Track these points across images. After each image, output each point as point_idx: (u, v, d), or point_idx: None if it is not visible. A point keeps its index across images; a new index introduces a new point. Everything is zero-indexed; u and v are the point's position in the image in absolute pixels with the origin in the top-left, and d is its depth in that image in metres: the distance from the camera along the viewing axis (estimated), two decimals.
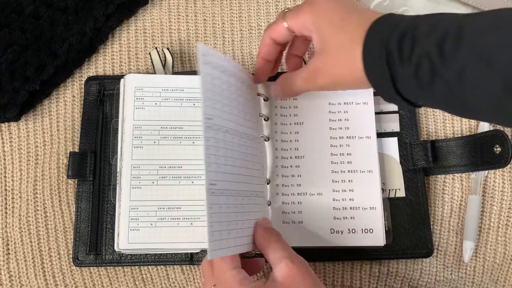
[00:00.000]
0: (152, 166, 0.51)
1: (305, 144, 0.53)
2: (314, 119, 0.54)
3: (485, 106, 0.35)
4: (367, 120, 0.53)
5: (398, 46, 0.38)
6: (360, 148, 0.53)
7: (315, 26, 0.44)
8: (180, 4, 0.62)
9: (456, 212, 0.55)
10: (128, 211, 0.50)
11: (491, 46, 0.33)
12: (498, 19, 0.34)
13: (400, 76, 0.39)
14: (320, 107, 0.54)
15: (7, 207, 0.55)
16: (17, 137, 0.57)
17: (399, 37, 0.38)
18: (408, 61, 0.37)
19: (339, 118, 0.53)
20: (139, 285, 0.53)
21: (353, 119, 0.53)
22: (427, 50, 0.36)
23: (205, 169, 0.40)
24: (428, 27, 0.37)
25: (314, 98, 0.54)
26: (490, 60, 0.33)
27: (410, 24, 0.38)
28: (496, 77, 0.33)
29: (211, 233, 0.40)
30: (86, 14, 0.57)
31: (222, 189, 0.42)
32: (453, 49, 0.35)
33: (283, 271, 0.41)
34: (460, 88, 0.36)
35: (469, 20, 0.36)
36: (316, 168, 0.52)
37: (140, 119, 0.52)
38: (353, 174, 0.52)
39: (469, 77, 0.35)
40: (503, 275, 0.53)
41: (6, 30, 0.56)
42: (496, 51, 0.33)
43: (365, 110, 0.53)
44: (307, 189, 0.51)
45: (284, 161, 0.52)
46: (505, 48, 0.33)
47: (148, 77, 0.53)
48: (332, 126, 0.53)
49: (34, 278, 0.54)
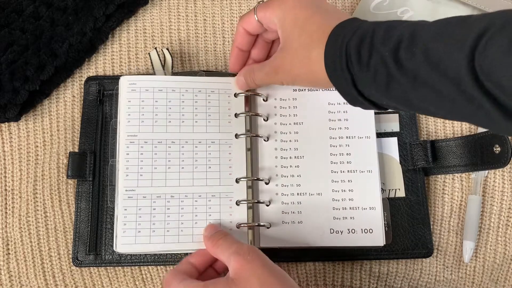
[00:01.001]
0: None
1: (305, 144, 0.53)
2: (314, 118, 0.54)
3: (441, 108, 0.37)
4: (366, 120, 0.53)
5: (356, 51, 0.40)
6: (359, 148, 0.53)
7: (280, 22, 0.46)
8: (180, 4, 0.62)
9: (456, 212, 0.55)
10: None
11: (440, 53, 0.35)
12: (446, 25, 0.36)
13: (360, 79, 0.40)
14: (320, 107, 0.54)
15: (7, 207, 0.55)
16: (17, 137, 0.57)
17: (358, 42, 0.40)
18: (367, 65, 0.39)
19: (338, 118, 0.53)
20: (139, 285, 0.53)
21: (353, 119, 0.53)
22: (383, 55, 0.38)
23: (122, 178, 0.49)
24: (384, 33, 0.39)
25: (313, 97, 0.54)
26: (439, 65, 0.35)
27: (368, 30, 0.40)
28: (448, 82, 0.35)
29: (122, 230, 0.48)
30: (86, 14, 0.57)
31: (144, 193, 0.50)
32: (406, 55, 0.37)
33: (233, 267, 0.42)
34: (414, 92, 0.37)
35: (421, 27, 0.37)
36: (315, 168, 0.52)
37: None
38: (352, 174, 0.52)
39: (422, 82, 0.36)
40: (503, 275, 0.53)
41: (6, 30, 0.56)
42: (444, 58, 0.34)
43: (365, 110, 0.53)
44: (306, 189, 0.51)
45: (284, 161, 0.52)
46: (450, 55, 0.34)
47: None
48: (332, 126, 0.53)
49: (34, 278, 0.54)
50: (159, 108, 0.53)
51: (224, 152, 0.52)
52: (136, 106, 0.52)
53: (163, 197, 0.50)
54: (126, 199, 0.50)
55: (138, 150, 0.51)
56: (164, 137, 0.52)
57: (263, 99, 0.54)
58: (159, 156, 0.51)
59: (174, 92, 0.53)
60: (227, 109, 0.53)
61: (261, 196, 0.51)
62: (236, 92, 0.54)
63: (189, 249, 0.50)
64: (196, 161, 0.52)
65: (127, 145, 0.51)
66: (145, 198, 0.50)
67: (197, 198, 0.51)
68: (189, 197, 0.51)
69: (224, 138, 0.52)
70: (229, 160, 0.52)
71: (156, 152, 0.51)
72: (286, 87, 0.54)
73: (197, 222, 0.50)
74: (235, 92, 0.54)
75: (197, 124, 0.53)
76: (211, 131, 0.53)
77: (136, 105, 0.52)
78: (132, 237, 0.49)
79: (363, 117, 0.53)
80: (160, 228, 0.49)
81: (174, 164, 0.51)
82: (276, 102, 0.54)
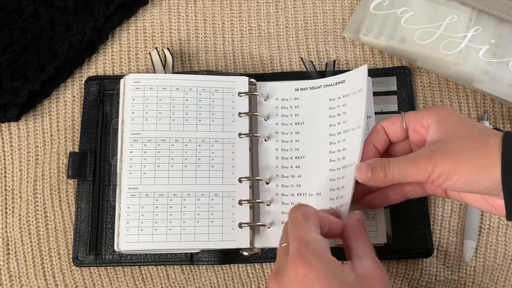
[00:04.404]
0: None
1: (305, 143, 0.52)
2: (314, 117, 0.53)
3: None
4: (358, 108, 0.49)
5: None
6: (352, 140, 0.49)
7: (439, 119, 0.42)
8: (180, 4, 0.62)
9: (456, 212, 0.55)
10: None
11: None
12: None
13: None
14: (321, 104, 0.53)
15: (7, 207, 0.55)
16: (17, 137, 0.57)
17: None
18: None
19: (338, 113, 0.51)
20: (139, 285, 0.53)
21: (350, 111, 0.50)
22: None
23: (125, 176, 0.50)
24: None
25: (316, 95, 0.53)
26: None
27: None
28: None
29: (125, 228, 0.49)
30: (86, 14, 0.57)
31: (147, 191, 0.50)
32: None
33: (367, 267, 0.39)
34: None
35: None
36: (315, 168, 0.51)
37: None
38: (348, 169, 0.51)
39: None
40: (503, 275, 0.53)
41: (6, 30, 0.56)
42: None
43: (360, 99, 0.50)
44: (307, 190, 0.51)
45: (285, 161, 0.52)
46: None
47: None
48: (332, 123, 0.51)
49: (34, 278, 0.54)
50: (163, 106, 0.53)
51: (227, 151, 0.52)
52: (140, 105, 0.52)
53: (166, 195, 0.50)
54: (129, 197, 0.50)
55: (141, 148, 0.51)
56: (167, 135, 0.52)
57: (264, 99, 0.54)
58: (162, 154, 0.51)
59: (178, 90, 0.53)
60: (230, 108, 0.53)
61: (262, 196, 0.51)
62: None
63: (191, 248, 0.50)
64: (199, 159, 0.52)
65: (130, 143, 0.51)
66: (148, 196, 0.50)
67: (199, 197, 0.51)
68: (191, 195, 0.51)
69: (227, 137, 0.52)
70: (232, 159, 0.52)
71: (160, 150, 0.51)
72: (287, 87, 0.54)
73: (199, 221, 0.50)
74: (239, 91, 0.54)
75: (201, 123, 0.53)
76: (214, 130, 0.53)
77: (140, 103, 0.52)
78: (135, 235, 0.49)
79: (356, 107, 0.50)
80: (163, 227, 0.49)
81: (177, 163, 0.51)
82: (278, 102, 0.54)
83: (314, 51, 0.60)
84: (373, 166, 0.43)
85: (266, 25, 0.61)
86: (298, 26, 0.61)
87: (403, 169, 0.41)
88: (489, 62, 0.55)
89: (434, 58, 0.56)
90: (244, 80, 0.54)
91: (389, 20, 0.58)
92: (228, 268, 0.54)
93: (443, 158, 0.39)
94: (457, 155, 0.39)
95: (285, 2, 0.62)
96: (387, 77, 0.57)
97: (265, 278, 0.53)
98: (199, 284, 0.53)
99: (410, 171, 0.41)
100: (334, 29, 0.61)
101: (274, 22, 0.62)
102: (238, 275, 0.54)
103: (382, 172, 0.42)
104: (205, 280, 0.53)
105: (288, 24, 0.61)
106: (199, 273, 0.53)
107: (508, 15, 0.55)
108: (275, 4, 0.62)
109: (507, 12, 0.55)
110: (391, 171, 0.42)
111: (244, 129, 0.53)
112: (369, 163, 0.43)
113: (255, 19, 0.62)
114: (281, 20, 0.62)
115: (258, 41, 0.61)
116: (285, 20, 0.62)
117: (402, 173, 0.41)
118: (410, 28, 0.57)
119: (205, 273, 0.53)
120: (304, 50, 0.60)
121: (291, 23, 0.61)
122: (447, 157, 0.39)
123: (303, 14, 0.62)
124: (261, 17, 0.62)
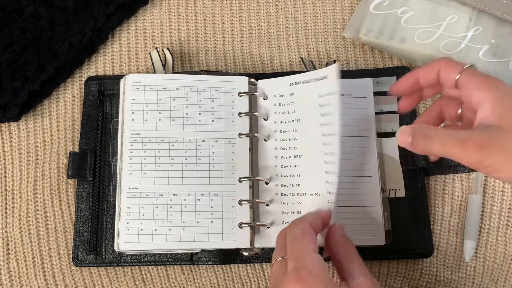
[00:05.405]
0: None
1: (303, 142, 0.52)
2: (309, 115, 0.51)
3: None
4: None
5: None
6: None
7: (497, 100, 0.38)
8: (180, 4, 0.62)
9: (456, 212, 0.55)
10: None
11: None
12: None
13: None
14: (313, 101, 0.51)
15: (7, 207, 0.55)
16: (17, 137, 0.57)
17: None
18: None
19: (326, 112, 0.49)
20: (139, 285, 0.53)
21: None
22: None
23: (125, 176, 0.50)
24: None
25: (307, 90, 0.52)
26: None
27: None
28: None
29: (126, 228, 0.49)
30: (86, 14, 0.57)
31: (147, 191, 0.50)
32: None
33: (361, 284, 0.39)
34: None
35: None
36: (313, 168, 0.50)
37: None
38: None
39: None
40: (503, 275, 0.53)
41: (6, 30, 0.56)
42: None
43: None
44: (306, 189, 0.50)
45: (284, 161, 0.52)
46: None
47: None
48: (323, 122, 0.49)
49: (34, 278, 0.54)
50: (163, 106, 0.53)
51: (227, 152, 0.52)
52: (140, 105, 0.52)
53: (166, 195, 0.50)
54: (130, 197, 0.50)
55: (141, 148, 0.51)
56: (167, 135, 0.52)
57: (263, 98, 0.54)
58: (162, 154, 0.51)
59: (178, 90, 0.53)
60: (231, 108, 0.53)
61: (261, 196, 0.51)
62: None
63: (191, 248, 0.50)
64: (199, 159, 0.52)
65: (131, 143, 0.51)
66: (148, 196, 0.50)
67: (199, 197, 0.51)
68: (191, 195, 0.51)
69: (227, 137, 0.52)
70: (232, 159, 0.52)
71: (160, 150, 0.51)
72: (283, 83, 0.54)
73: (199, 221, 0.50)
74: (239, 91, 0.54)
75: (201, 123, 0.53)
76: (214, 130, 0.53)
77: (140, 103, 0.52)
78: (135, 235, 0.49)
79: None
80: (163, 227, 0.49)
81: (177, 163, 0.51)
82: (275, 99, 0.54)
83: (314, 51, 0.60)
84: (415, 134, 0.40)
85: (266, 25, 0.61)
86: (298, 26, 0.61)
87: (448, 147, 0.38)
88: (489, 62, 0.55)
89: (434, 58, 0.56)
90: (244, 80, 0.54)
91: (389, 20, 0.58)
92: (228, 268, 0.54)
93: (496, 153, 0.37)
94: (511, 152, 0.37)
95: (285, 2, 0.62)
96: (387, 77, 0.57)
97: (265, 278, 0.53)
98: (199, 284, 0.53)
99: (455, 151, 0.38)
100: (334, 29, 0.61)
101: (274, 22, 0.62)
102: (238, 275, 0.54)
103: (422, 143, 0.39)
104: (205, 280, 0.53)
105: (288, 24, 0.61)
106: (199, 273, 0.53)
107: (508, 15, 0.55)
108: (275, 4, 0.62)
109: (507, 12, 0.55)
110: (432, 145, 0.39)
111: (244, 129, 0.53)
112: (413, 128, 0.40)
113: (255, 19, 0.62)
114: (281, 20, 0.62)
115: (258, 41, 0.61)
116: (285, 20, 0.62)
117: (445, 150, 0.39)
118: (410, 28, 0.57)
119: (205, 273, 0.53)
120: (304, 50, 0.60)
121: (291, 23, 0.61)
122: (501, 153, 0.37)
123: (303, 14, 0.62)
124: (261, 17, 0.62)
